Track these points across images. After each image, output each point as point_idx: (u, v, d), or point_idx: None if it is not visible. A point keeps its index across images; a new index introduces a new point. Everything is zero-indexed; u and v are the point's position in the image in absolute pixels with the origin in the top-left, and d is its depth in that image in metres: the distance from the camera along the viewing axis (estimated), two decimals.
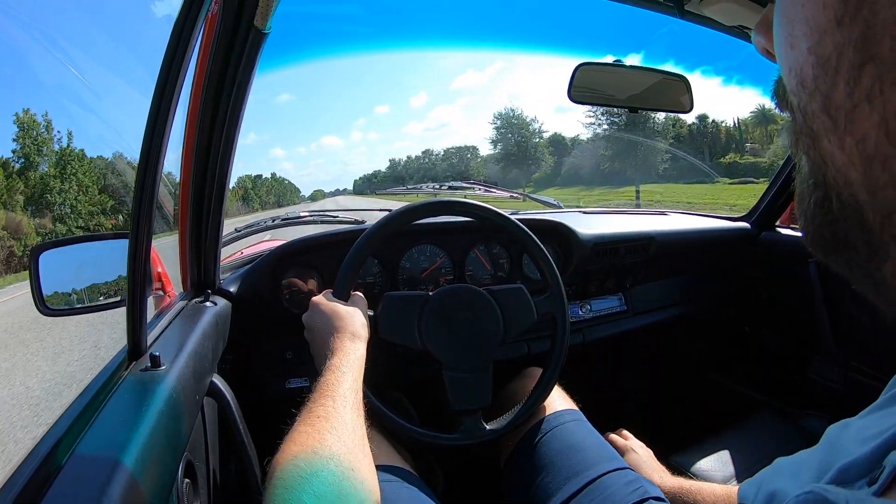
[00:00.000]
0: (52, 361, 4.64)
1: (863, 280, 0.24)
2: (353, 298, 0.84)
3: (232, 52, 0.71)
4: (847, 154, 0.21)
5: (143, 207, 0.57)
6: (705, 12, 0.98)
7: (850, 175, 0.21)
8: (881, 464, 0.31)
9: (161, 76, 0.54)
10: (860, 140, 0.20)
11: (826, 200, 0.23)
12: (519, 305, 0.92)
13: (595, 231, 1.28)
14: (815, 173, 0.24)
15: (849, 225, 0.22)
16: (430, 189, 1.79)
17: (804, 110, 0.22)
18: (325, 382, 0.62)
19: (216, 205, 0.83)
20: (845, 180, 0.21)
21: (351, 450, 0.52)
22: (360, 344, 0.73)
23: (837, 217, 0.23)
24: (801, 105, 0.22)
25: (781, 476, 0.40)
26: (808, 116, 0.22)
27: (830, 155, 0.22)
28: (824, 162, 0.22)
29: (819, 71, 0.20)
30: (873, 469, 0.31)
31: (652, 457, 0.93)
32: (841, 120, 0.20)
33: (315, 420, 0.55)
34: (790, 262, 1.44)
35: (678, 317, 1.47)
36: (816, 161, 0.23)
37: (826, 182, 0.23)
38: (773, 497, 0.38)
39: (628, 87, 1.16)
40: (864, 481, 0.31)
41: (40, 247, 0.77)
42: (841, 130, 0.20)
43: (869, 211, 0.21)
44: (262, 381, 1.07)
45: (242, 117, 0.78)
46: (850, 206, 0.22)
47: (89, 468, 0.42)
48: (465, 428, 0.88)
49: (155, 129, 0.55)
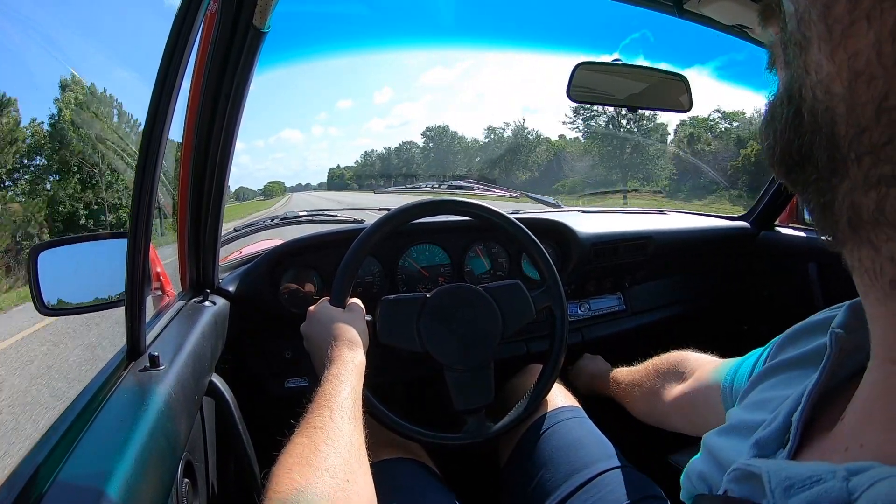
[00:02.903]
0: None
1: (815, 199, 0.25)
2: (351, 305, 0.84)
3: (231, 51, 0.71)
4: (836, 65, 0.21)
5: (141, 207, 0.57)
6: (704, 11, 0.98)
7: (834, 87, 0.22)
8: (790, 428, 0.32)
9: (160, 75, 0.54)
10: (852, 55, 0.20)
11: (797, 116, 0.24)
12: (517, 301, 0.92)
13: (594, 230, 1.28)
14: (791, 86, 0.24)
15: (817, 139, 0.23)
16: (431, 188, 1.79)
17: (801, 16, 0.23)
18: (323, 392, 0.62)
19: (215, 204, 0.83)
20: (826, 91, 0.22)
21: (346, 461, 0.52)
22: (359, 351, 0.73)
23: (806, 131, 0.24)
24: (798, 11, 0.23)
25: (700, 463, 0.41)
26: (803, 22, 0.23)
27: (817, 64, 0.22)
28: (807, 71, 0.23)
29: None
30: (784, 436, 0.32)
31: (601, 359, 1.09)
32: (837, 32, 0.21)
33: (311, 431, 0.55)
34: (789, 262, 1.44)
35: (677, 316, 1.47)
36: (798, 71, 0.24)
37: (801, 95, 0.24)
38: (703, 478, 0.39)
39: (627, 86, 1.16)
40: (782, 451, 0.32)
41: (39, 246, 0.77)
42: (836, 42, 0.21)
43: (843, 125, 0.22)
44: (261, 381, 1.07)
45: (241, 116, 0.78)
46: (822, 120, 0.22)
47: (88, 468, 0.42)
48: (469, 427, 0.88)
49: (154, 128, 0.55)
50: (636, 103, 1.19)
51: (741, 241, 1.54)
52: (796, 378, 0.38)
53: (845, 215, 0.23)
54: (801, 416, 0.31)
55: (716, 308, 1.59)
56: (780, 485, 0.26)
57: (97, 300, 0.80)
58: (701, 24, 1.06)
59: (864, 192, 0.22)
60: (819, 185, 0.24)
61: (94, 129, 21.83)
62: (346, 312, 0.81)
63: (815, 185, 0.24)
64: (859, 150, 0.21)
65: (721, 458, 0.38)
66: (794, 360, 0.41)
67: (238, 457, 0.81)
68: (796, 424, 0.31)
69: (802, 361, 0.39)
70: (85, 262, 0.81)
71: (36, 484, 0.40)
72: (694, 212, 1.76)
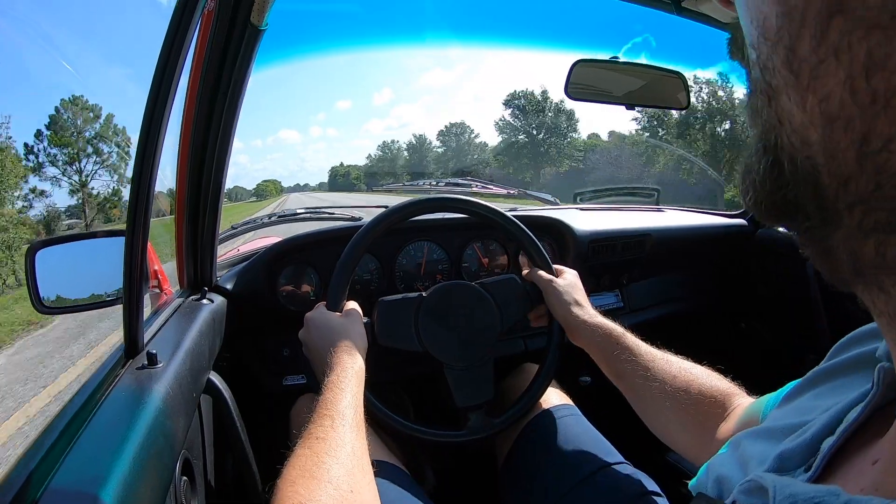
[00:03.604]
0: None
1: (813, 246, 0.23)
2: (348, 310, 0.83)
3: (228, 48, 0.71)
4: (808, 113, 0.19)
5: (139, 204, 0.56)
6: (702, 9, 0.98)
7: (809, 136, 0.20)
8: (818, 450, 0.31)
9: (157, 73, 0.54)
10: (823, 98, 0.18)
11: (776, 164, 0.22)
12: (513, 294, 0.92)
13: (591, 227, 1.29)
14: (765, 136, 0.22)
15: (801, 189, 0.21)
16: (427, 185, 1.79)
17: (764, 64, 0.21)
18: (324, 401, 0.61)
19: (212, 202, 0.83)
20: (802, 141, 0.20)
21: (350, 471, 0.52)
22: (358, 356, 0.73)
23: (789, 181, 0.22)
24: (760, 59, 0.21)
25: (723, 462, 0.40)
26: (767, 71, 0.21)
27: (788, 113, 0.20)
28: (780, 122, 0.21)
29: (784, 21, 0.19)
30: (810, 457, 0.31)
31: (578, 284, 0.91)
32: (804, 75, 0.19)
33: (314, 442, 0.55)
34: (787, 259, 1.45)
35: (674, 313, 1.47)
36: (770, 121, 0.22)
37: (777, 145, 0.22)
38: (721, 482, 0.38)
39: (625, 83, 1.16)
40: (802, 469, 0.31)
41: (37, 244, 0.77)
42: (803, 87, 0.19)
43: (825, 175, 0.20)
44: (258, 379, 1.07)
45: (239, 114, 0.78)
46: (804, 170, 0.21)
47: (86, 465, 0.42)
48: (471, 424, 0.88)
49: (151, 126, 0.55)
50: (634, 101, 1.19)
51: (739, 239, 1.55)
52: (840, 388, 0.36)
53: (847, 261, 0.21)
54: (832, 449, 0.30)
55: (713, 305, 1.60)
56: (783, 501, 0.26)
57: (95, 298, 0.80)
58: (698, 22, 1.06)
59: (862, 240, 0.20)
60: (813, 234, 0.22)
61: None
62: (344, 317, 0.81)
63: (809, 232, 0.23)
64: (847, 199, 0.19)
65: (746, 462, 0.37)
66: (845, 364, 0.39)
67: (236, 454, 0.81)
68: (825, 454, 0.30)
69: (856, 366, 0.37)
70: (83, 259, 0.81)
71: (34, 482, 0.40)
72: (691, 209, 1.77)
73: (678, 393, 0.69)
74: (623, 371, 0.76)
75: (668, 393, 0.70)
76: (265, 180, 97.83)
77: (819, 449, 0.31)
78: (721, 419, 0.65)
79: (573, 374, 1.13)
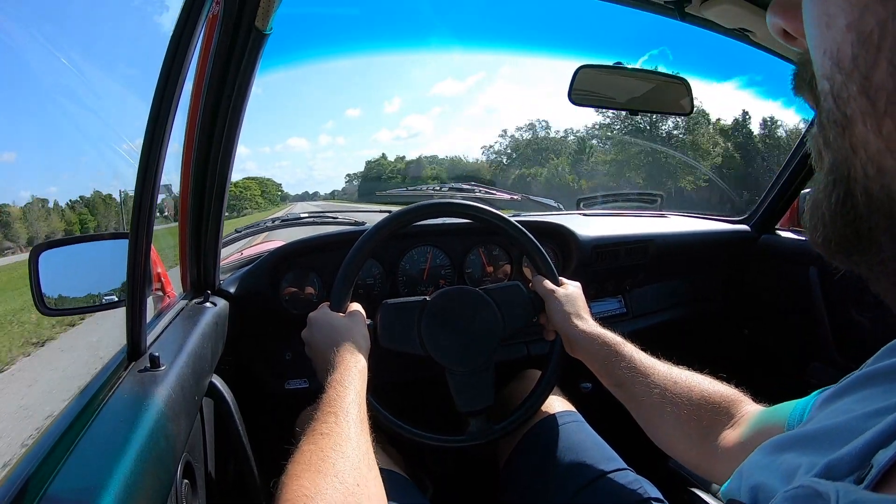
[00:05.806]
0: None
1: (884, 280, 0.22)
2: (351, 311, 0.83)
3: (232, 53, 0.71)
4: (885, 139, 0.19)
5: (143, 208, 0.57)
6: (706, 15, 0.98)
7: (885, 163, 0.19)
8: (868, 462, 0.30)
9: (161, 77, 0.54)
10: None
11: (849, 197, 0.22)
12: (516, 302, 0.92)
13: (595, 233, 1.28)
14: (837, 168, 0.22)
15: (875, 220, 0.21)
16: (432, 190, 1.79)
17: (837, 94, 0.21)
18: (328, 398, 0.61)
19: (216, 205, 0.83)
20: (878, 169, 0.20)
21: (356, 465, 0.52)
22: (361, 356, 0.72)
23: (863, 213, 0.21)
24: (834, 89, 0.21)
25: (761, 469, 0.39)
26: (840, 101, 0.21)
27: (864, 141, 0.20)
28: (853, 151, 0.21)
29: (859, 49, 0.19)
30: (860, 467, 0.30)
31: (580, 296, 0.90)
32: (881, 102, 0.19)
33: (318, 438, 0.54)
34: (790, 265, 1.44)
35: (677, 319, 1.47)
36: (843, 152, 0.21)
37: (850, 175, 0.21)
38: (758, 489, 0.37)
39: (629, 89, 1.16)
40: (851, 479, 0.30)
41: (40, 246, 0.77)
42: (881, 113, 0.19)
43: None
44: (261, 382, 1.07)
45: (243, 118, 0.78)
46: (878, 200, 0.20)
47: (88, 467, 0.42)
48: (473, 429, 0.88)
49: (155, 130, 0.55)
50: (638, 106, 1.19)
51: (742, 245, 1.54)
52: (888, 392, 0.35)
53: None
54: (887, 463, 0.29)
55: (716, 311, 1.59)
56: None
57: (98, 300, 0.80)
58: (703, 28, 1.07)
59: None
60: (886, 267, 0.22)
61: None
62: (347, 318, 0.81)
63: (882, 266, 0.22)
64: None
65: (793, 470, 0.35)
66: (892, 368, 0.37)
67: (237, 458, 0.81)
68: (882, 466, 0.28)
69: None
70: (86, 262, 0.81)
71: (36, 483, 0.40)
72: (695, 214, 1.76)
73: (679, 399, 0.68)
74: (622, 379, 0.75)
75: (669, 399, 0.68)
76: (248, 177, 77.58)
77: (870, 459, 0.30)
78: (725, 426, 0.63)
79: (574, 381, 1.12)
